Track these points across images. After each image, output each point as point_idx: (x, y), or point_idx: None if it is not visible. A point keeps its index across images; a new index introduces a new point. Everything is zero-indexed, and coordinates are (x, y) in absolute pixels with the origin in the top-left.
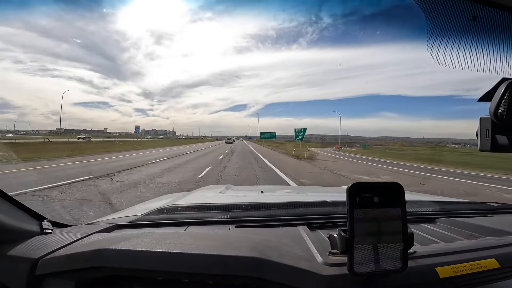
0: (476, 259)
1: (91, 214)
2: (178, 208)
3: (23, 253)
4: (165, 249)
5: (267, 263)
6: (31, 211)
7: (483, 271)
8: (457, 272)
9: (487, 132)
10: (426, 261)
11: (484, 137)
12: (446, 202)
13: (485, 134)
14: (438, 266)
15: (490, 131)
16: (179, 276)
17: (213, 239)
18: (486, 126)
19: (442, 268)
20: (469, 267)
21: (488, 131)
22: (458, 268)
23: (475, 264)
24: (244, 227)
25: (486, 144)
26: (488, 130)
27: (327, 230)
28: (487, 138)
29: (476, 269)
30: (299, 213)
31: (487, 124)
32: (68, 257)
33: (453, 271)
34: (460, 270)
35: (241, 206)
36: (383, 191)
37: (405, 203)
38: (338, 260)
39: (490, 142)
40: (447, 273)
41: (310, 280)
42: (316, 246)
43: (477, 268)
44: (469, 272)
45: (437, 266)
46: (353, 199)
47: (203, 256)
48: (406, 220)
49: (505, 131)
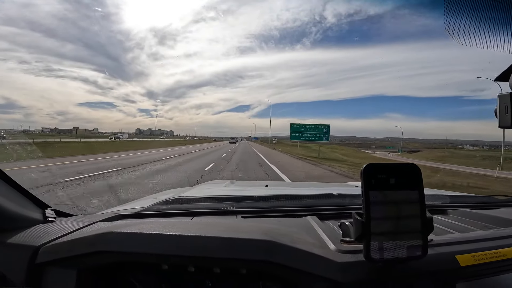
0: (495, 248)
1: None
2: (184, 200)
3: (24, 241)
4: (171, 232)
5: (280, 246)
6: (35, 198)
7: (504, 259)
8: (477, 260)
9: (507, 108)
10: (444, 249)
11: (503, 113)
12: (457, 196)
13: (504, 110)
14: (458, 254)
15: (510, 107)
16: (186, 261)
17: (221, 226)
18: (505, 103)
19: (462, 256)
20: (489, 256)
21: (508, 107)
22: (478, 257)
23: (495, 253)
24: (251, 217)
25: (506, 119)
26: (507, 106)
27: (337, 221)
28: (507, 113)
29: (497, 258)
30: (307, 204)
31: (506, 100)
32: (71, 242)
33: (474, 260)
34: (481, 258)
35: (247, 198)
36: (399, 173)
37: (423, 186)
38: (352, 248)
39: (511, 117)
40: (467, 261)
41: (324, 266)
42: (328, 235)
43: (498, 257)
44: (490, 261)
45: (457, 254)
46: (368, 181)
47: (210, 239)
48: (425, 203)
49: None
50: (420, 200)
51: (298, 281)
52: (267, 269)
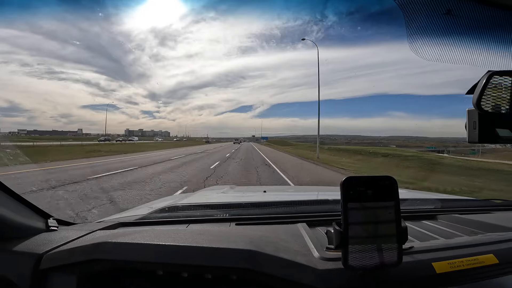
0: (474, 254)
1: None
2: (181, 207)
3: (29, 248)
4: (162, 243)
5: (262, 255)
6: (37, 209)
7: (481, 266)
8: (454, 267)
9: (475, 124)
10: (423, 256)
11: (472, 129)
12: (449, 200)
13: (472, 125)
14: (435, 261)
15: (477, 123)
16: (177, 268)
17: (212, 235)
18: (473, 118)
19: (438, 263)
20: (466, 263)
21: (476, 123)
22: (455, 264)
23: (473, 260)
24: (244, 225)
25: (474, 135)
26: (475, 122)
27: (326, 227)
28: (475, 129)
29: (473, 265)
30: (299, 210)
31: (474, 116)
32: (70, 251)
33: (450, 266)
34: (457, 265)
35: (242, 205)
36: (376, 185)
37: (399, 197)
38: (334, 255)
39: (478, 133)
40: (443, 269)
41: (305, 274)
42: (314, 242)
43: (475, 264)
44: (466, 268)
45: (434, 261)
46: (347, 193)
47: (197, 249)
48: (400, 213)
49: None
50: (395, 211)
51: None
52: (253, 276)
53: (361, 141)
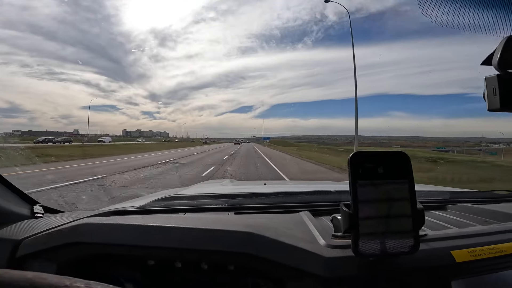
0: (493, 243)
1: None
2: (178, 197)
3: (7, 235)
4: (151, 224)
5: (261, 238)
6: (23, 194)
7: (503, 255)
8: (474, 256)
9: (494, 90)
10: (439, 244)
11: (492, 96)
12: (457, 192)
13: (492, 92)
14: (454, 249)
15: (497, 89)
16: (165, 254)
17: (209, 221)
18: (492, 85)
19: (458, 251)
20: (487, 251)
21: (495, 89)
22: (475, 252)
23: (493, 248)
24: (243, 214)
25: (495, 102)
26: (495, 88)
27: (331, 216)
28: (495, 95)
29: (495, 254)
30: (301, 200)
31: (493, 82)
32: (49, 235)
33: (471, 255)
34: (478, 254)
35: (241, 195)
36: (388, 161)
37: (413, 175)
38: (342, 243)
39: (499, 99)
40: (464, 257)
41: (311, 262)
42: (319, 230)
43: (496, 253)
44: (487, 257)
45: (452, 249)
46: (355, 170)
47: (191, 230)
48: (415, 193)
49: None
50: (410, 190)
51: (285, 276)
52: (251, 264)
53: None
